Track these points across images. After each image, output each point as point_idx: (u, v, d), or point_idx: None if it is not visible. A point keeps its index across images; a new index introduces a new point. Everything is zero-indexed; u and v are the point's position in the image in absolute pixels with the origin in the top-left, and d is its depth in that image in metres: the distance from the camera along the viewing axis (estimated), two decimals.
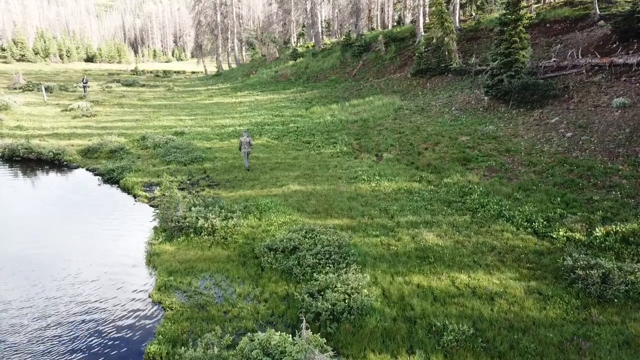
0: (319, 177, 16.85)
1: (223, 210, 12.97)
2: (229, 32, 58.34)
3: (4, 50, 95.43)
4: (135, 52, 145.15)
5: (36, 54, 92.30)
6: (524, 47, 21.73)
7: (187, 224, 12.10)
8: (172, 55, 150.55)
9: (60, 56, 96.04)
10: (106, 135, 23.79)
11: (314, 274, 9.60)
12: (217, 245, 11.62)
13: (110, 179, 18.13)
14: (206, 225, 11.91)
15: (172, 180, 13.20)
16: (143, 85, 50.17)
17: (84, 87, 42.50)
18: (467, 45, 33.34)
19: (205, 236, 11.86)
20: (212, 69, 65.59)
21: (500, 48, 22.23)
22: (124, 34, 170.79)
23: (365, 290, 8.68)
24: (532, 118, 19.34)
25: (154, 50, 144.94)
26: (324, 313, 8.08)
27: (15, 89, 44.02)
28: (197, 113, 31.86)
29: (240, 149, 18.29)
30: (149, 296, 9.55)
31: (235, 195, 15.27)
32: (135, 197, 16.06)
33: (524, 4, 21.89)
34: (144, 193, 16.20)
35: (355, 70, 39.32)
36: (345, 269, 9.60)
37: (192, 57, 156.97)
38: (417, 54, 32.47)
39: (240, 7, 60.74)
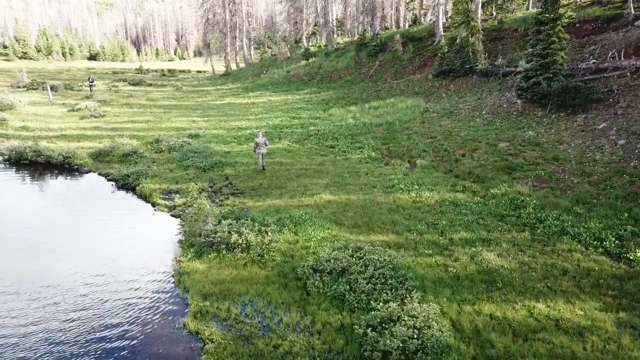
0: (351, 185, 15.81)
1: (256, 223, 11.91)
2: (237, 31, 57.29)
3: (5, 47, 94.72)
4: (138, 50, 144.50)
5: (38, 51, 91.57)
6: (563, 47, 20.68)
7: (219, 239, 11.07)
8: (175, 54, 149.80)
9: (63, 54, 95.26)
10: (117, 138, 22.80)
11: (371, 302, 8.58)
12: (252, 264, 10.59)
13: (125, 185, 17.13)
14: (240, 241, 10.87)
15: (195, 189, 12.17)
16: (150, 85, 49.20)
17: (90, 86, 41.57)
18: (490, 45, 32.26)
19: (240, 253, 10.82)
20: (219, 68, 64.60)
21: (537, 49, 21.17)
22: (126, 32, 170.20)
23: (436, 324, 7.63)
24: (575, 123, 18.27)
25: (157, 49, 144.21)
26: (394, 352, 7.04)
27: (19, 87, 43.10)
28: (209, 114, 30.86)
29: (255, 150, 17.96)
30: (184, 325, 8.53)
31: (263, 205, 14.24)
32: (154, 206, 15.05)
33: (563, 1, 20.81)
34: (163, 201, 15.18)
35: (371, 70, 38.29)
36: (406, 297, 8.56)
37: (195, 56, 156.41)
38: (439, 55, 31.43)
39: (249, 4, 59.70)
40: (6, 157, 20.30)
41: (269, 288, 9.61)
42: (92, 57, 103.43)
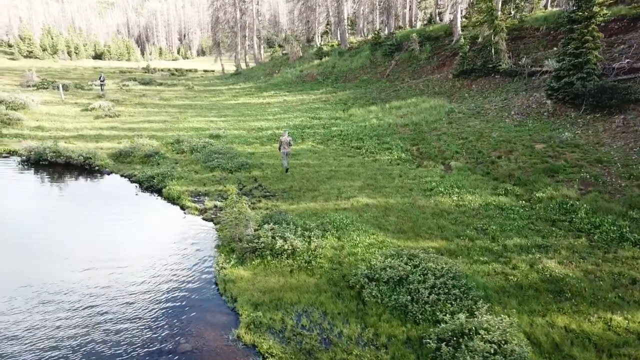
0: (387, 188, 15.39)
1: (298, 228, 11.50)
2: (247, 30, 56.86)
3: (10, 46, 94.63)
4: (142, 50, 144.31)
5: (44, 50, 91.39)
6: (597, 46, 20.21)
7: (263, 244, 10.64)
8: (178, 53, 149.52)
9: (69, 53, 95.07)
10: (136, 138, 22.42)
11: (436, 313, 8.15)
12: (299, 271, 10.17)
13: (150, 186, 16.73)
14: (286, 246, 10.44)
15: (234, 192, 11.75)
16: (160, 84, 48.87)
17: (101, 85, 41.29)
18: (511, 44, 31.76)
19: (286, 260, 10.39)
20: (229, 67, 64.14)
21: (569, 48, 20.70)
22: (128, 31, 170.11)
23: (514, 338, 7.19)
24: (613, 125, 17.80)
25: (160, 49, 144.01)
26: None
27: (28, 86, 42.83)
28: (226, 114, 30.48)
29: (279, 149, 17.83)
30: (238, 337, 8.11)
31: (298, 209, 13.83)
32: (183, 209, 14.65)
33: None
34: (193, 204, 14.77)
35: (388, 70, 37.86)
36: (473, 308, 8.13)
37: (198, 55, 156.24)
38: (460, 54, 30.98)
39: (259, 2, 59.28)
40: (25, 157, 19.93)
41: (322, 297, 9.19)
42: (98, 57, 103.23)
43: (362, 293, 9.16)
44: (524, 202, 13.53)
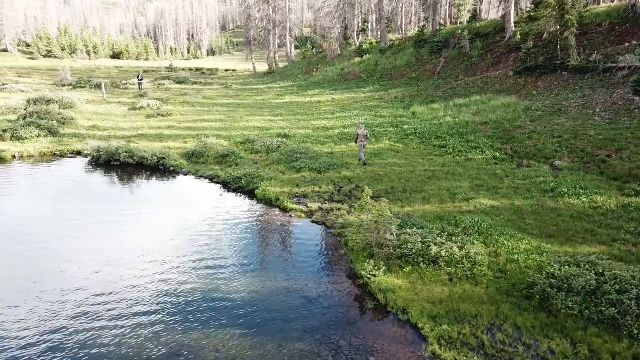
0: (500, 189, 14.70)
1: (444, 232, 10.83)
2: (281, 27, 56.32)
3: (28, 46, 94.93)
4: (157, 50, 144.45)
5: (63, 50, 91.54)
6: None
7: (415, 250, 9.97)
8: (188, 52, 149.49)
9: (87, 53, 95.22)
10: (203, 138, 21.88)
11: None
12: (460, 280, 9.49)
13: (239, 188, 16.14)
14: (443, 253, 9.75)
15: (369, 193, 11.09)
16: (195, 83, 48.52)
17: (139, 84, 40.97)
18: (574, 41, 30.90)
19: (445, 267, 9.70)
20: (260, 67, 63.44)
21: None
22: (135, 31, 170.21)
23: None
24: None
25: (171, 48, 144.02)
26: None
27: (63, 85, 42.64)
28: (281, 113, 29.93)
29: (356, 142, 18.40)
30: (434, 354, 7.48)
31: (414, 211, 13.18)
32: (286, 211, 14.05)
33: None
34: (296, 206, 14.17)
35: (438, 68, 37.13)
36: None
37: (208, 55, 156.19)
38: (523, 50, 30.22)
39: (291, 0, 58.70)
40: (94, 157, 19.46)
41: (503, 309, 8.51)
42: (116, 56, 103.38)
43: (546, 304, 8.46)
44: None
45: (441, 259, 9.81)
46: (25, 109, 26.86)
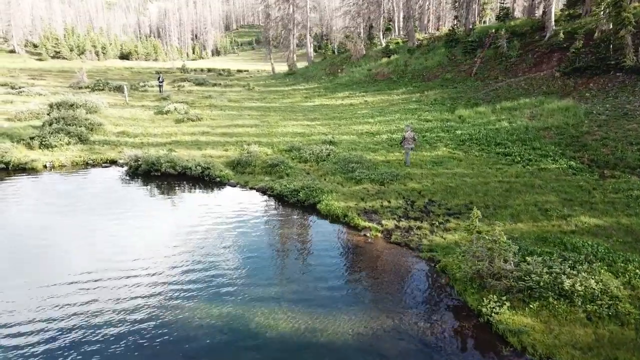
0: (595, 204, 13.50)
1: (568, 260, 9.60)
2: (301, 27, 55.13)
3: (35, 46, 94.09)
4: (165, 50, 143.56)
5: (71, 50, 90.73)
6: None
7: (540, 283, 8.75)
8: (193, 52, 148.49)
9: (96, 53, 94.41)
10: (246, 145, 20.78)
11: None
12: (602, 320, 8.25)
13: (297, 202, 14.98)
14: (578, 286, 8.53)
15: (478, 215, 9.90)
16: (215, 85, 47.42)
17: (159, 85, 39.97)
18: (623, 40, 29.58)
19: (582, 304, 8.47)
20: (278, 67, 62.15)
21: None
22: (139, 31, 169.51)
23: None
24: None
25: (177, 48, 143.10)
26: None
27: (80, 88, 41.55)
28: (316, 117, 28.79)
29: (401, 144, 18.32)
30: None
31: (506, 230, 11.89)
32: (358, 230, 12.86)
33: None
34: (369, 224, 12.97)
35: (474, 68, 35.85)
36: None
37: (213, 55, 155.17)
38: (572, 50, 28.89)
39: None
40: (132, 167, 18.36)
41: None
42: (124, 57, 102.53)
43: None
44: None
45: (575, 294, 8.58)
46: (48, 114, 25.79)
